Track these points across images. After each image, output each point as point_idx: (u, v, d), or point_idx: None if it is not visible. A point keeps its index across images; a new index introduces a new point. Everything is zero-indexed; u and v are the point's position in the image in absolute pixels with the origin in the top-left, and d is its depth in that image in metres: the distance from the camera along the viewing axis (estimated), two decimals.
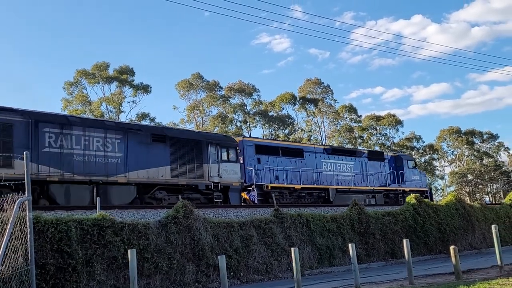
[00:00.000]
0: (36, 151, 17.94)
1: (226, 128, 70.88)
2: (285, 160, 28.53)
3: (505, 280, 13.01)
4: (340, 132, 79.68)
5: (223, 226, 16.79)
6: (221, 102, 72.91)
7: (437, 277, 15.01)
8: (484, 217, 27.25)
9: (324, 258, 19.32)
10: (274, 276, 17.01)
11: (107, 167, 19.84)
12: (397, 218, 22.98)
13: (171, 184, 21.83)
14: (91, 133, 19.73)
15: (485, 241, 26.05)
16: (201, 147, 23.37)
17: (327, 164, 31.08)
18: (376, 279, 15.26)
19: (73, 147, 19.09)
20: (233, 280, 15.81)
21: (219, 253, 14.86)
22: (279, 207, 19.53)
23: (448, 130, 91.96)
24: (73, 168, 18.83)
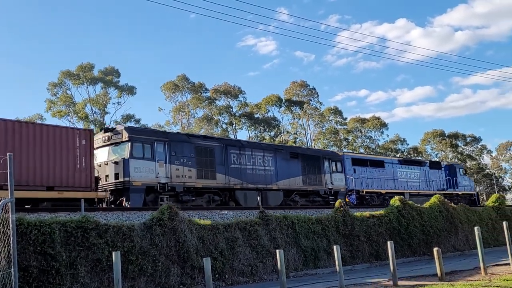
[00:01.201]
0: (227, 167, 24.57)
1: (212, 130, 70.81)
2: (372, 170, 34.82)
3: (487, 282, 13.17)
4: (326, 135, 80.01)
5: (208, 228, 16.74)
6: (206, 104, 72.81)
7: (421, 278, 15.11)
8: (467, 219, 27.49)
9: (309, 260, 19.36)
10: (259, 278, 17.01)
11: (265, 178, 26.38)
12: (382, 220, 23.11)
13: (303, 190, 28.29)
14: (255, 153, 26.43)
15: (468, 243, 26.30)
16: (319, 161, 29.94)
17: (401, 172, 37.12)
18: (361, 280, 15.35)
19: (246, 163, 25.66)
20: (218, 283, 15.77)
21: (204, 255, 14.81)
22: (264, 209, 19.58)
23: (432, 133, 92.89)
24: (247, 178, 25.32)
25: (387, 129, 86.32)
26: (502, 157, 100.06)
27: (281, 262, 12.61)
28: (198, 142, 24.21)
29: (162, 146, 22.16)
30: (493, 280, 13.43)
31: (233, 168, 24.83)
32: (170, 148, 22.46)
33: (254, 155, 26.12)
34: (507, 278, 13.59)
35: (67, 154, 18.38)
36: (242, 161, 25.37)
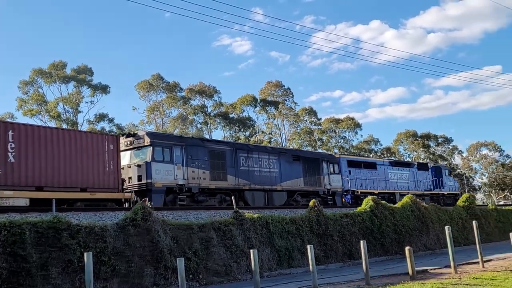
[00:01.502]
0: (237, 169, 26.08)
1: (186, 130, 70.47)
2: (366, 172, 36.49)
3: (458, 280, 13.42)
4: (300, 135, 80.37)
5: (183, 229, 16.68)
6: (181, 104, 72.41)
7: (393, 277, 15.32)
8: (438, 218, 27.94)
9: (283, 260, 19.44)
10: (233, 278, 17.01)
11: (271, 179, 27.91)
12: (355, 219, 23.32)
13: (304, 191, 29.82)
14: (262, 156, 28.01)
15: (439, 242, 26.73)
16: (318, 163, 31.62)
17: (392, 174, 38.94)
18: (334, 280, 15.48)
19: (253, 166, 27.20)
20: (192, 283, 15.73)
21: (178, 255, 14.75)
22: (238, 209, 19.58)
23: (405, 133, 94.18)
24: (254, 180, 26.84)
25: (361, 130, 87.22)
26: (473, 157, 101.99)
27: (255, 262, 12.63)
28: (211, 146, 25.86)
29: (179, 150, 23.77)
30: (463, 278, 13.68)
31: (242, 170, 26.47)
32: (187, 152, 24.04)
33: (260, 158, 27.91)
34: (477, 276, 13.87)
35: (97, 158, 19.95)
36: (250, 164, 27.10)
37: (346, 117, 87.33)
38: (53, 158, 18.42)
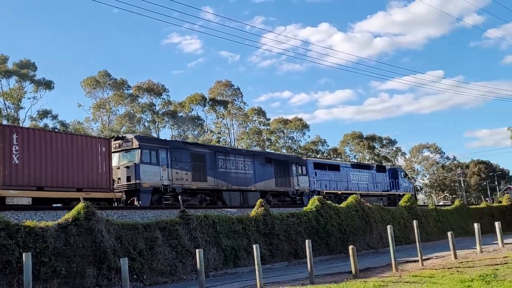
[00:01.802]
0: (216, 171, 27.37)
1: (134, 128, 69.32)
2: (330, 173, 38.35)
3: (398, 278, 13.80)
4: (249, 135, 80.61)
5: (127, 228, 16.41)
6: (129, 101, 71.17)
7: (337, 276, 15.59)
8: (381, 218, 28.64)
9: (229, 259, 19.45)
10: (178, 278, 16.88)
11: (246, 180, 29.36)
12: (301, 219, 23.60)
13: (275, 191, 31.44)
14: (238, 158, 29.41)
15: (381, 241, 27.42)
16: (288, 165, 33.31)
17: (353, 175, 40.76)
18: (279, 279, 15.60)
19: (230, 168, 28.53)
20: (136, 283, 15.50)
21: (122, 255, 14.49)
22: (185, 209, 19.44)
23: (351, 134, 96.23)
24: (231, 181, 28.19)
25: (308, 130, 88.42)
26: (415, 159, 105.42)
27: (201, 261, 12.58)
28: (193, 149, 27.28)
29: (165, 153, 25.04)
30: (403, 276, 14.08)
31: (220, 172, 27.82)
32: (171, 154, 25.33)
33: (237, 160, 29.37)
34: (416, 274, 14.30)
35: (91, 160, 21.17)
36: (227, 166, 28.51)
37: (295, 118, 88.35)
38: (52, 160, 19.61)
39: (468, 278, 12.34)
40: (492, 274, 13.01)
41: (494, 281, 11.66)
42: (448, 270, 14.75)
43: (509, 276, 12.40)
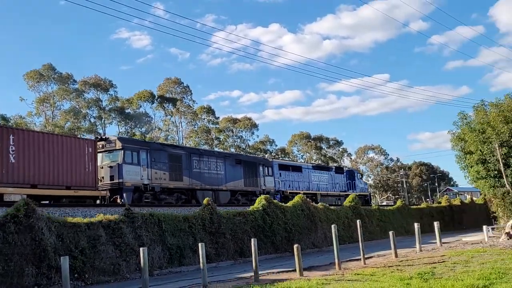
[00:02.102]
0: (191, 171, 28.81)
1: (79, 124, 67.65)
2: (293, 174, 40.33)
3: (341, 276, 14.09)
4: (198, 133, 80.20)
5: (69, 226, 15.98)
6: (74, 96, 69.33)
7: (281, 274, 15.74)
8: (326, 217, 29.12)
9: (174, 258, 19.29)
10: (121, 277, 16.59)
11: (218, 180, 30.90)
12: (248, 218, 23.67)
13: (244, 191, 33.06)
14: (210, 159, 30.94)
15: (326, 240, 27.88)
16: (256, 167, 35.13)
17: (314, 176, 42.77)
18: (224, 277, 15.61)
19: (204, 168, 30.00)
20: (78, 282, 15.13)
21: (63, 254, 14.10)
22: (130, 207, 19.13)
23: (299, 135, 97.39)
24: (204, 181, 29.67)
25: (257, 130, 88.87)
26: (360, 160, 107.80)
27: (145, 260, 12.42)
28: (170, 150, 28.72)
29: (145, 153, 26.26)
30: (346, 275, 14.37)
31: (195, 172, 29.25)
32: (151, 155, 26.58)
33: (209, 161, 30.84)
34: (358, 272, 14.64)
35: (79, 160, 22.35)
36: (201, 167, 29.96)
37: (244, 117, 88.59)
38: (44, 159, 20.70)
39: (407, 276, 12.72)
40: (430, 272, 13.47)
41: (431, 279, 12.07)
42: (388, 269, 15.16)
43: (446, 274, 12.88)
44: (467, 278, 11.61)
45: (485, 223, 30.68)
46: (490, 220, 34.60)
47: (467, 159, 32.62)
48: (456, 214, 45.65)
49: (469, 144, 31.86)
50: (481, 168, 31.17)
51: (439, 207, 45.11)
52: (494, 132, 29.94)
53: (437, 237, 23.31)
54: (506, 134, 29.24)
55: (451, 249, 20.46)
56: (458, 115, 33.95)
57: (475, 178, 32.59)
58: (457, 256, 17.21)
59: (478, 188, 37.11)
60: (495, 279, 11.36)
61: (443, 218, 41.20)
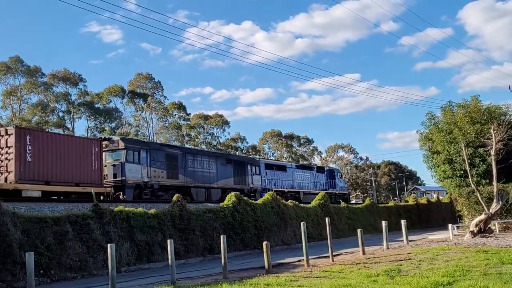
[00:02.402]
0: (186, 169, 30.65)
1: (47, 118, 66.40)
2: (278, 173, 42.15)
3: (309, 273, 14.19)
4: (168, 129, 79.66)
5: (35, 221, 15.70)
6: (42, 90, 68.02)
7: (250, 271, 15.76)
8: (296, 215, 29.27)
9: (142, 255, 19.14)
10: (88, 274, 16.38)
11: (210, 179, 32.77)
12: (218, 215, 23.64)
13: (234, 189, 32.47)
14: (203, 159, 32.78)
15: (295, 237, 28.03)
16: (244, 166, 37.01)
17: (297, 175, 44.56)
18: (193, 274, 15.58)
19: (197, 167, 31.81)
20: (43, 279, 14.89)
21: (29, 250, 13.83)
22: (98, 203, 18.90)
23: (270, 132, 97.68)
24: (198, 179, 31.54)
25: (229, 127, 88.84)
26: (330, 158, 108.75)
27: (112, 256, 12.27)
28: (168, 150, 30.70)
29: (145, 153, 27.92)
30: (314, 272, 14.48)
31: (189, 171, 30.99)
32: (150, 155, 28.26)
33: (202, 161, 32.58)
34: (326, 269, 14.76)
35: (87, 158, 23.68)
36: (195, 165, 31.68)
37: (215, 114, 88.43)
38: (56, 158, 22.08)
39: (374, 273, 12.89)
40: (396, 269, 13.68)
41: (397, 276, 12.26)
42: (356, 266, 15.34)
43: (412, 271, 13.10)
44: (432, 275, 11.83)
45: (450, 221, 31.35)
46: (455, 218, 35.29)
47: (434, 158, 33.23)
48: (423, 212, 46.47)
49: (436, 144, 32.45)
50: (448, 168, 31.81)
51: (407, 206, 45.82)
52: (461, 133, 30.57)
53: (404, 235, 23.67)
54: (472, 135, 29.88)
55: (417, 247, 20.80)
56: (426, 115, 34.60)
57: (442, 178, 33.23)
58: (422, 254, 17.51)
59: (445, 187, 37.87)
60: (459, 276, 11.60)
61: (410, 216, 41.88)
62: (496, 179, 23.88)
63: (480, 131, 29.34)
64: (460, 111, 32.37)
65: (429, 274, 12.22)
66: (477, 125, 30.23)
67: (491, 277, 11.13)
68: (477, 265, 13.35)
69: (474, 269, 12.61)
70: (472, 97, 33.05)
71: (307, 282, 12.00)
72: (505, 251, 16.22)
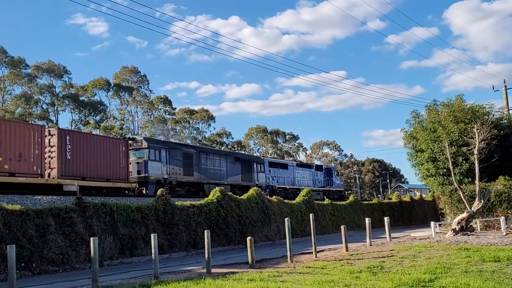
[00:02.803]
0: (200, 167, 33.59)
1: (30, 110, 65.63)
2: (280, 171, 44.99)
3: (292, 269, 14.23)
4: (154, 123, 79.24)
5: (17, 214, 15.53)
6: (26, 81, 67.19)
7: (234, 266, 15.77)
8: (280, 211, 29.34)
9: (125, 249, 19.04)
10: (71, 267, 16.27)
11: (220, 176, 35.62)
12: (202, 210, 23.59)
13: (241, 185, 37.12)
14: (215, 157, 35.85)
15: (279, 233, 28.11)
16: (251, 164, 40.15)
17: (298, 173, 47.49)
18: (176, 268, 15.54)
19: (209, 165, 34.73)
20: (24, 272, 14.75)
21: (10, 242, 13.68)
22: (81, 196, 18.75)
23: (256, 128, 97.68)
24: (210, 176, 34.37)
25: (214, 122, 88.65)
26: (315, 155, 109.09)
27: (95, 250, 12.19)
28: (184, 149, 33.43)
29: (164, 152, 30.65)
30: (297, 267, 14.52)
31: (202, 168, 33.85)
32: (169, 153, 30.97)
33: (214, 159, 35.47)
34: (309, 265, 14.81)
35: (115, 156, 26.57)
36: (208, 163, 34.56)
37: (201, 109, 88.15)
38: (91, 156, 24.89)
39: (357, 270, 12.96)
40: (379, 266, 13.77)
41: (380, 273, 12.34)
42: (339, 262, 15.41)
43: (394, 268, 13.19)
44: (414, 272, 11.92)
45: (433, 219, 31.59)
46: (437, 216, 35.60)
47: (418, 156, 33.43)
48: (406, 210, 46.89)
49: (420, 142, 32.65)
50: (431, 166, 32.02)
51: (390, 203, 46.19)
52: (445, 132, 30.79)
53: (387, 232, 23.83)
54: (455, 134, 30.11)
55: (399, 244, 20.96)
56: (411, 113, 34.72)
57: (425, 176, 33.43)
58: (405, 251, 17.64)
59: (428, 186, 38.10)
60: (440, 273, 11.71)
61: (393, 214, 42.26)
62: (478, 178, 24.12)
63: (464, 130, 29.59)
64: (445, 110, 32.59)
65: (411, 271, 12.32)
66: (461, 124, 30.47)
67: (472, 274, 11.25)
68: (459, 263, 13.49)
69: (455, 267, 12.74)
70: (457, 97, 33.29)
71: (290, 278, 12.03)
72: (486, 249, 16.40)
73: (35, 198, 19.11)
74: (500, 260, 13.49)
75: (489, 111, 32.34)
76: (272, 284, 10.81)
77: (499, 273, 11.34)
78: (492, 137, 26.45)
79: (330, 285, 10.37)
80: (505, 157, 29.90)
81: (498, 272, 11.41)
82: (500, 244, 18.47)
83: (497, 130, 28.83)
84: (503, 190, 27.86)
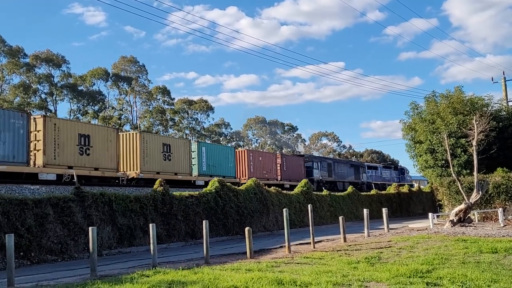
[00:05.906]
0: (335, 171, 53.35)
1: (29, 99, 65.48)
2: (373, 171, 63.29)
3: (290, 259, 14.26)
4: (152, 113, 79.13)
5: (15, 203, 15.54)
6: (24, 71, 66.96)
7: (232, 256, 15.80)
8: (279, 201, 29.38)
9: (124, 238, 19.08)
10: (69, 257, 16.30)
11: (343, 176, 54.64)
12: (200, 200, 23.62)
13: (354, 182, 53.72)
14: (341, 164, 55.35)
15: (277, 223, 28.17)
16: (359, 167, 58.82)
17: (383, 172, 65.69)
18: (174, 258, 15.56)
19: (338, 170, 54.25)
20: (23, 261, 14.78)
21: (9, 232, 13.72)
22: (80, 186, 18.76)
23: (254, 119, 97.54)
24: (339, 177, 54.08)
25: (213, 113, 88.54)
26: (314, 146, 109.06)
27: (93, 239, 12.21)
28: (327, 161, 52.61)
29: (319, 163, 48.89)
30: (295, 258, 14.55)
31: (335, 172, 53.06)
32: (321, 164, 48.34)
33: (340, 165, 55.35)
34: (307, 256, 14.84)
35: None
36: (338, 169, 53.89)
37: (199, 99, 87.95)
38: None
39: (355, 260, 13.00)
40: (377, 256, 13.81)
41: (378, 263, 12.38)
42: (337, 253, 15.45)
43: (392, 259, 13.23)
44: (412, 263, 11.96)
45: (431, 210, 31.69)
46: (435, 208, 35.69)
47: (416, 148, 33.48)
48: (404, 201, 46.99)
49: (419, 134, 32.68)
50: (430, 158, 32.07)
51: (388, 194, 46.26)
52: (443, 123, 30.81)
53: (385, 223, 23.88)
54: (454, 125, 30.14)
55: (397, 235, 21.01)
56: (410, 105, 34.75)
57: (424, 167, 33.51)
58: (403, 242, 17.69)
59: (426, 177, 38.18)
60: (438, 264, 11.75)
61: (391, 205, 42.36)
62: (476, 169, 24.16)
63: (463, 122, 29.62)
64: (443, 102, 32.60)
65: (409, 261, 12.37)
66: (460, 116, 30.49)
67: (469, 265, 11.30)
68: (456, 254, 13.54)
69: (453, 258, 12.79)
70: (455, 88, 33.30)
71: (288, 268, 12.06)
72: (484, 241, 16.46)
73: (33, 187, 19.10)
74: (498, 252, 13.54)
75: (488, 102, 32.37)
76: (270, 274, 10.84)
77: (497, 264, 11.38)
78: (491, 129, 26.47)
79: (328, 275, 10.40)
80: (504, 149, 29.98)
81: (496, 263, 11.46)
82: (498, 235, 18.54)
83: (496, 122, 28.86)
84: (501, 182, 27.91)
